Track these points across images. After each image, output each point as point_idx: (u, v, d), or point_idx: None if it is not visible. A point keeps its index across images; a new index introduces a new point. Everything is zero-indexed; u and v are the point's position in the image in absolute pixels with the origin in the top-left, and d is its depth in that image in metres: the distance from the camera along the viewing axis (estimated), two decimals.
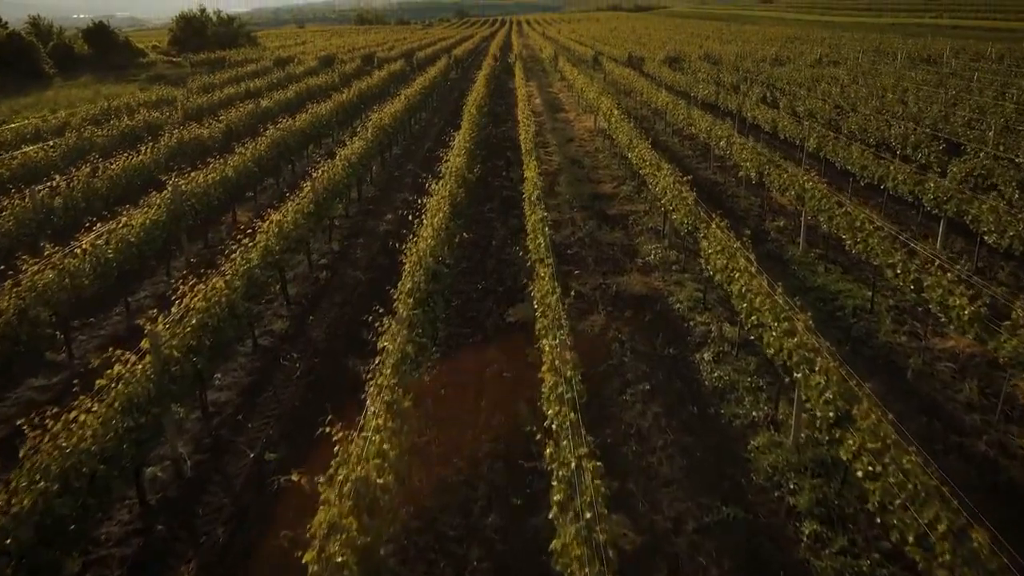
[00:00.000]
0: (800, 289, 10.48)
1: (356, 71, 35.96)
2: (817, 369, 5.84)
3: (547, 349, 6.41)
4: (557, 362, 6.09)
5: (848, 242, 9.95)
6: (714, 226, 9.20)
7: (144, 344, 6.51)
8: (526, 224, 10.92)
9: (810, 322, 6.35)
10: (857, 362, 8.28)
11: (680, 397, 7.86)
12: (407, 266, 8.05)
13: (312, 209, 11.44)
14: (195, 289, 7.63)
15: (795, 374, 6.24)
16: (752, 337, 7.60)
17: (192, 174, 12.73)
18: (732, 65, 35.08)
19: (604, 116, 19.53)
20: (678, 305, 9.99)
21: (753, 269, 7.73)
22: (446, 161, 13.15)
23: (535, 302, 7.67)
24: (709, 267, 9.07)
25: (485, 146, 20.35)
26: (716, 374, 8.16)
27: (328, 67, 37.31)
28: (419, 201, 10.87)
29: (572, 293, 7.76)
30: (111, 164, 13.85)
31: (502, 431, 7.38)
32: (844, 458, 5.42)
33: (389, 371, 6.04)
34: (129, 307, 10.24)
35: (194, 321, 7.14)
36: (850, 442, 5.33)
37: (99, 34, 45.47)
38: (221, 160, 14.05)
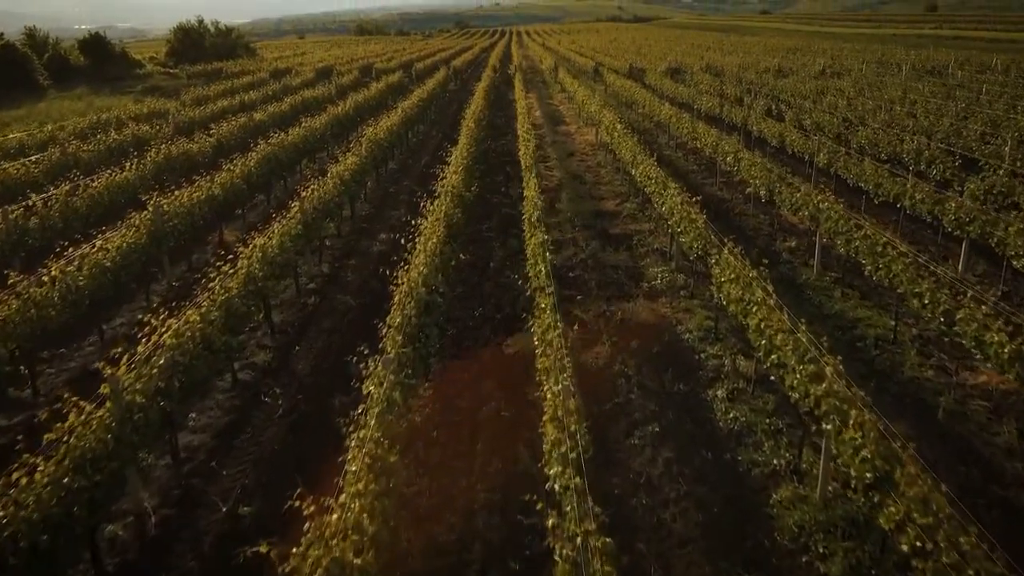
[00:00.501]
0: (816, 316, 9.87)
1: (353, 83, 35.50)
2: (851, 424, 5.22)
3: (549, 397, 5.80)
4: (560, 413, 5.49)
5: (868, 267, 9.35)
6: (726, 252, 8.61)
7: (104, 389, 5.90)
8: (526, 246, 10.33)
9: (840, 366, 5.73)
10: (884, 400, 7.66)
11: (693, 440, 7.23)
12: (396, 298, 7.45)
13: (300, 231, 10.85)
14: (167, 323, 7.05)
15: (824, 425, 5.62)
16: (771, 377, 6.98)
17: (176, 193, 12.16)
18: (735, 77, 34.62)
19: (606, 130, 18.99)
20: (687, 335, 9.37)
21: (772, 302, 7.12)
22: (442, 179, 12.58)
23: (535, 338, 7.07)
24: (721, 296, 8.46)
25: (484, 160, 19.80)
26: (731, 414, 7.54)
27: (326, 79, 36.86)
28: (413, 222, 10.29)
29: (575, 326, 7.17)
30: (93, 182, 13.29)
31: (499, 479, 6.75)
32: (884, 527, 4.79)
33: (373, 422, 5.42)
34: (104, 336, 9.62)
35: (162, 360, 6.53)
36: (892, 509, 4.70)
37: (95, 45, 45.02)
38: (208, 177, 13.49)
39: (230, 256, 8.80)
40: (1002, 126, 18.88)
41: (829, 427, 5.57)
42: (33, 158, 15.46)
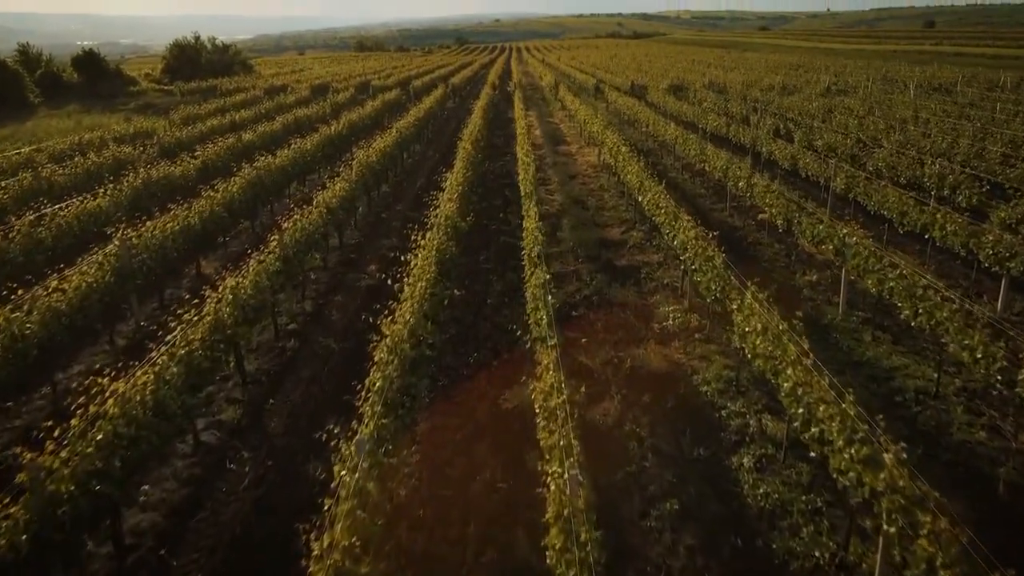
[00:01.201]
0: (847, 363, 8.93)
1: (349, 101, 34.75)
2: (924, 532, 4.26)
3: (553, 489, 4.85)
4: (567, 511, 4.54)
5: (906, 312, 8.42)
6: (750, 297, 7.69)
7: (22, 477, 4.96)
8: (525, 283, 9.42)
9: (903, 453, 4.78)
10: (934, 470, 6.70)
11: (718, 522, 6.26)
12: (377, 356, 6.51)
13: (279, 267, 9.94)
14: (114, 384, 6.12)
15: (887, 527, 4.66)
16: (809, 450, 6.03)
17: (149, 223, 11.27)
18: (739, 94, 33.90)
19: (610, 152, 18.14)
20: (705, 387, 8.42)
21: (809, 362, 6.18)
22: (436, 208, 11.69)
23: (536, 405, 6.12)
24: (746, 347, 7.52)
25: (481, 184, 18.95)
26: (761, 489, 6.57)
27: (322, 96, 36.14)
28: (403, 257, 9.39)
29: (582, 388, 6.23)
30: (62, 209, 12.40)
31: (494, 572, 5.79)
32: None
33: (341, 525, 4.47)
34: (56, 388, 8.66)
35: (100, 436, 5.59)
36: None
37: (89, 62, 44.40)
38: (186, 205, 12.60)
39: (196, 300, 7.89)
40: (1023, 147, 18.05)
41: (891, 528, 4.62)
42: (2, 183, 14.56)
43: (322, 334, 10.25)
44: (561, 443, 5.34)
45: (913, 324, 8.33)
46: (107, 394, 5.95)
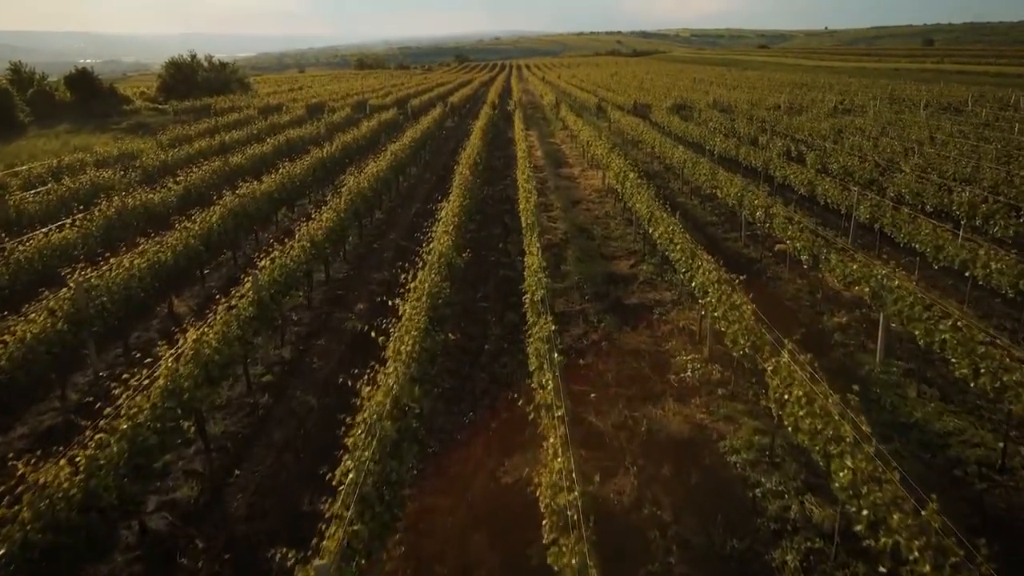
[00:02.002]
0: (892, 425, 7.87)
1: (345, 120, 33.91)
2: None
3: None
4: None
5: (963, 370, 7.35)
6: (786, 356, 6.63)
7: None
8: (527, 331, 8.37)
9: None
10: (1012, 571, 5.62)
11: None
12: (351, 439, 5.45)
13: (252, 312, 8.90)
14: (33, 474, 5.07)
15: None
16: (868, 543, 4.95)
17: (114, 259, 10.25)
18: (745, 114, 33.06)
19: (616, 178, 17.17)
20: (734, 457, 7.35)
21: (872, 450, 5.11)
22: (429, 241, 10.68)
23: (541, 503, 5.05)
24: (783, 417, 6.46)
25: (480, 210, 17.98)
26: None
27: (318, 115, 35.30)
28: (393, 300, 8.38)
29: (598, 475, 5.20)
30: (22, 244, 11.39)
31: None
32: None
33: None
34: None
35: (3, 550, 4.52)
36: None
37: (82, 81, 43.64)
38: (157, 239, 11.60)
39: (148, 359, 6.84)
40: None
41: None
42: None
43: (301, 386, 9.17)
44: (575, 562, 4.29)
45: (973, 385, 7.27)
46: (24, 487, 4.91)
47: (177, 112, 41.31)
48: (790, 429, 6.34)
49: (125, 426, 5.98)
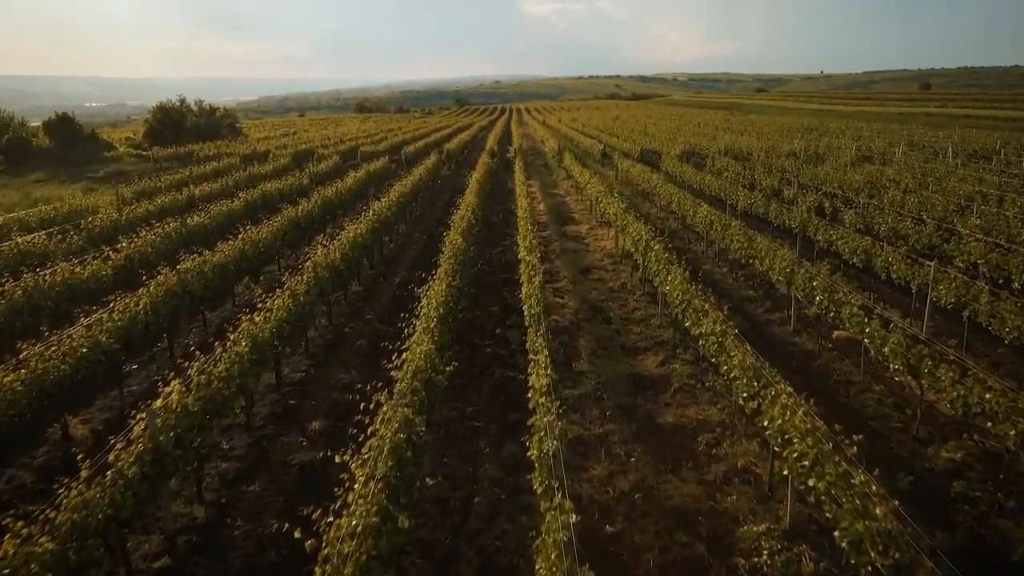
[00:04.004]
0: None
1: (332, 170, 31.64)
2: None
3: None
4: None
5: None
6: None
7: None
8: (534, 464, 5.68)
9: None
10: None
11: None
12: None
13: (143, 471, 6.22)
14: None
15: None
16: None
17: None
18: (762, 163, 30.82)
19: (635, 246, 14.62)
20: None
21: None
22: (405, 348, 8.06)
23: None
24: None
25: (475, 280, 15.41)
26: None
27: (305, 162, 33.00)
28: (361, 417, 5.73)
29: None
30: None
31: None
32: None
33: None
34: None
35: None
36: None
37: (61, 126, 41.67)
38: (56, 338, 8.98)
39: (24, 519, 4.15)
40: None
41: None
42: None
43: (216, 566, 6.41)
44: None
45: None
46: None
47: (158, 160, 39.18)
48: None
49: None
